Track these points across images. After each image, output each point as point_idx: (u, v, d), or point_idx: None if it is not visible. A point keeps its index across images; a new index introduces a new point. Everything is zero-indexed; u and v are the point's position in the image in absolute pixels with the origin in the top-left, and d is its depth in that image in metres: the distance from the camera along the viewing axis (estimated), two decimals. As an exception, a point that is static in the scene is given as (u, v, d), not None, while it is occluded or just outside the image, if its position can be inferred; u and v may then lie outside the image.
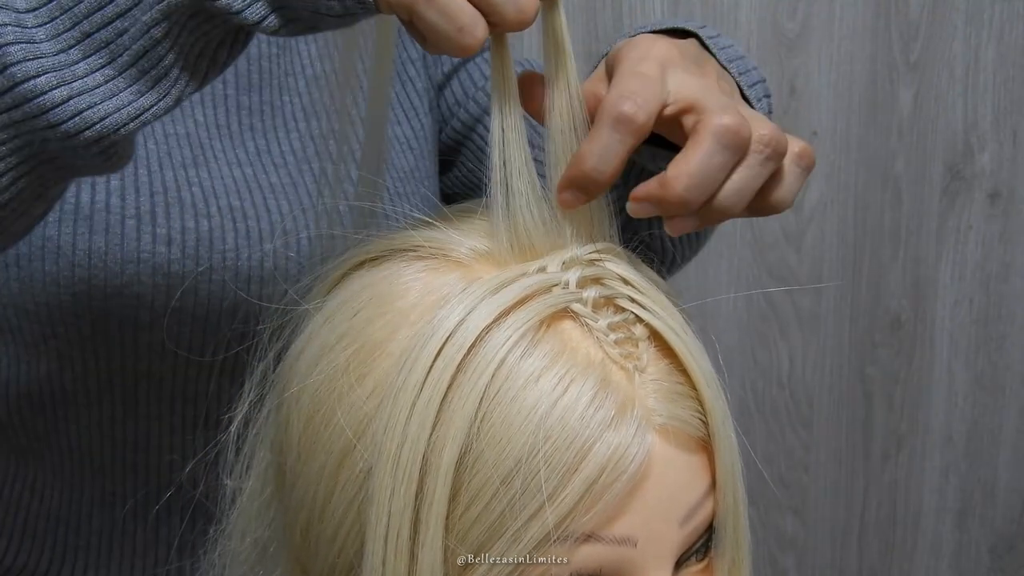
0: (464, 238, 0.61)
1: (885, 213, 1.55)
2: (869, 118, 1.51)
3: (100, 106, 0.57)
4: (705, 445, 0.58)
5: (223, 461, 0.67)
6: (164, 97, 0.59)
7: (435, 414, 0.54)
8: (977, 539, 1.67)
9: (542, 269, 0.58)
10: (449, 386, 0.55)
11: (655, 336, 0.58)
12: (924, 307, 1.58)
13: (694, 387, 0.58)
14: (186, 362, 0.81)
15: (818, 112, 1.50)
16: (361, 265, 0.63)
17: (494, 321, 0.55)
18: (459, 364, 0.55)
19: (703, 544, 0.60)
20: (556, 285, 0.58)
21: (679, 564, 0.59)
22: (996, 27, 1.50)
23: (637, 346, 0.58)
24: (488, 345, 0.55)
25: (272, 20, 0.57)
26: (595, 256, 0.60)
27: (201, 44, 0.58)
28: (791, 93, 1.50)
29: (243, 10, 0.56)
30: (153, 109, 0.58)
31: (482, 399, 0.54)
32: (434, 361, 0.55)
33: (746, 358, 1.56)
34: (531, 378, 0.55)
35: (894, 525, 1.65)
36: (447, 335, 0.55)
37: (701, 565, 0.61)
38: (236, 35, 0.59)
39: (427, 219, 0.63)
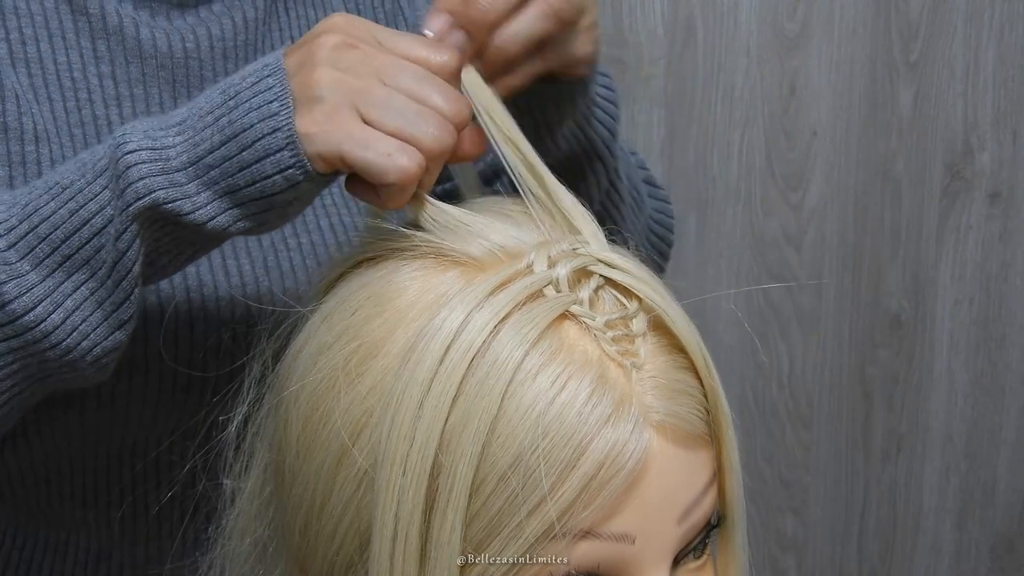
0: (461, 237, 0.61)
1: (885, 213, 1.55)
2: (869, 118, 1.51)
3: (91, 317, 0.63)
4: (704, 441, 0.58)
5: (222, 462, 0.67)
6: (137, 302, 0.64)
7: (446, 415, 0.54)
8: (977, 539, 1.66)
9: (529, 266, 0.58)
10: (458, 388, 0.55)
11: (654, 326, 0.58)
12: (924, 307, 1.58)
13: (693, 370, 0.58)
14: (174, 375, 0.79)
15: (818, 112, 1.50)
16: (359, 265, 0.63)
17: (500, 323, 0.56)
18: (468, 365, 0.55)
19: (700, 541, 0.60)
20: (548, 284, 0.58)
21: (677, 561, 0.59)
22: (996, 27, 1.50)
23: (634, 343, 0.58)
24: (490, 345, 0.55)
25: (223, 218, 0.62)
26: (577, 245, 0.60)
27: (167, 244, 0.64)
28: (791, 93, 1.49)
29: (192, 212, 0.61)
30: (131, 322, 0.65)
31: (483, 397, 0.55)
32: (440, 363, 0.55)
33: (746, 358, 1.56)
34: (529, 375, 0.55)
35: (894, 525, 1.64)
36: (452, 336, 0.55)
37: (699, 562, 0.61)
38: (201, 240, 0.64)
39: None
